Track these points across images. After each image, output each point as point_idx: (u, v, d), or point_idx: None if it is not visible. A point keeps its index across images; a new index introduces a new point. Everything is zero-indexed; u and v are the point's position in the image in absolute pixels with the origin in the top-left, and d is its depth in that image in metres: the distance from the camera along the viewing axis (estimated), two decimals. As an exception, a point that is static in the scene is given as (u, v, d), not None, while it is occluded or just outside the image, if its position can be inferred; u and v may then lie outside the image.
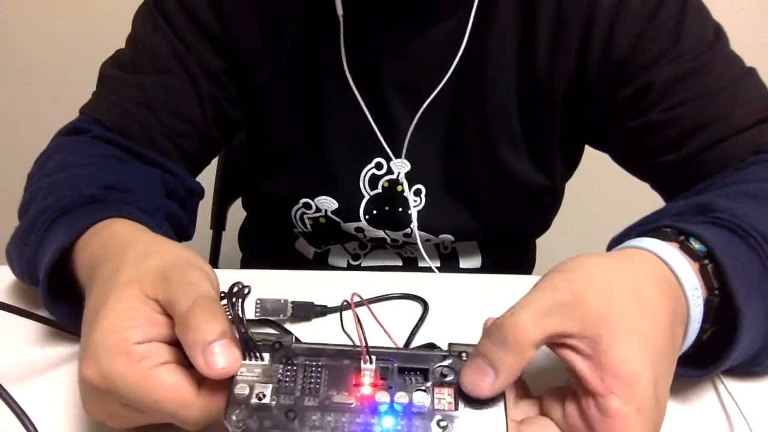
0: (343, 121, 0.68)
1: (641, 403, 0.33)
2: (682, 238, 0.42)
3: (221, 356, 0.34)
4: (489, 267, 0.80)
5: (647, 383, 0.34)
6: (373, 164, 0.70)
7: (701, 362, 0.43)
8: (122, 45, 0.68)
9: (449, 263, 0.78)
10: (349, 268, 0.80)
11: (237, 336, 0.36)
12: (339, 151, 0.70)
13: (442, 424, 0.34)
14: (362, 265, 0.80)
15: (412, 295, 0.58)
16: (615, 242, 0.47)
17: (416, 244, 0.75)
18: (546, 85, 0.65)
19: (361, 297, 0.39)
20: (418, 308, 0.56)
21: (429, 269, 0.78)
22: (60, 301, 0.47)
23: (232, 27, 0.65)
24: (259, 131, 0.73)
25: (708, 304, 0.41)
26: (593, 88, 0.64)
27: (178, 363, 0.36)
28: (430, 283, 0.59)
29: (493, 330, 0.36)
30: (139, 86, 0.64)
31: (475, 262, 0.80)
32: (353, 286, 0.58)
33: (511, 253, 0.84)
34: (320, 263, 0.81)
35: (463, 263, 0.79)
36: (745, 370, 0.47)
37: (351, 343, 0.39)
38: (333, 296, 0.56)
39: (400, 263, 0.80)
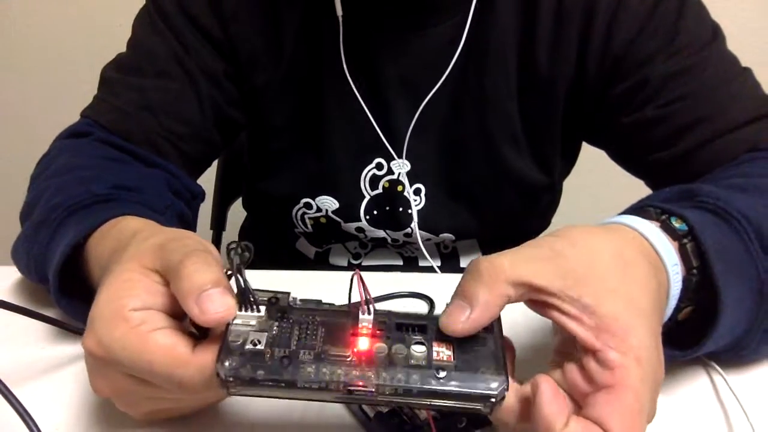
0: (344, 122, 0.68)
1: (639, 353, 0.33)
2: (663, 217, 0.43)
3: (214, 302, 0.33)
4: (489, 266, 0.80)
5: (642, 335, 0.34)
6: (373, 164, 0.70)
7: (684, 343, 0.43)
8: (123, 47, 0.68)
9: (450, 263, 0.78)
10: (350, 267, 0.80)
11: (233, 288, 0.35)
12: (340, 151, 0.70)
13: (441, 375, 0.33)
14: (363, 264, 0.80)
15: (418, 293, 0.58)
16: None
17: (417, 243, 0.75)
18: (547, 81, 0.65)
19: (362, 280, 0.38)
20: (423, 308, 0.56)
21: (430, 269, 0.78)
22: (71, 297, 0.47)
23: (232, 28, 0.65)
24: (259, 132, 0.73)
25: (686, 283, 0.41)
26: (591, 83, 0.64)
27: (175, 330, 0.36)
28: (433, 282, 0.59)
29: (469, 268, 0.36)
30: (139, 89, 0.64)
31: (476, 261, 0.80)
32: (354, 286, 0.58)
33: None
34: (321, 263, 0.81)
35: (464, 262, 0.79)
36: (735, 355, 0.47)
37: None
38: (335, 296, 0.56)
39: (400, 263, 0.80)
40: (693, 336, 0.42)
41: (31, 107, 1.53)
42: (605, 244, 0.37)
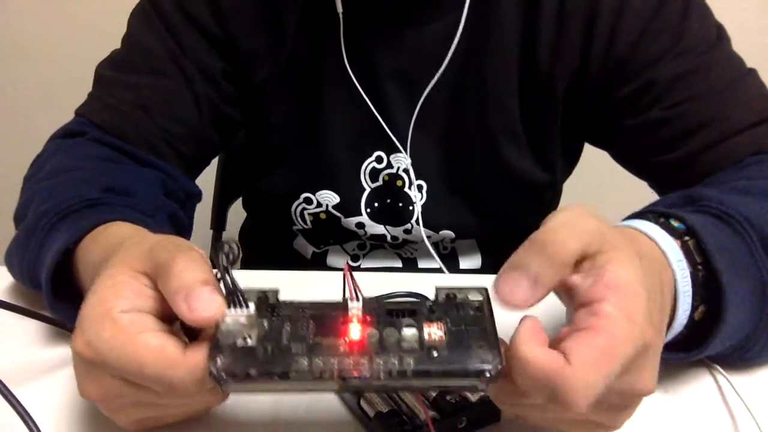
0: (344, 115, 0.68)
1: (633, 314, 0.32)
2: (662, 219, 0.43)
3: (203, 301, 0.33)
4: (489, 268, 0.80)
5: (643, 304, 0.33)
6: (373, 157, 0.70)
7: (690, 344, 0.42)
8: (119, 44, 0.68)
9: (449, 264, 0.78)
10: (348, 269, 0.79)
11: (222, 287, 0.35)
12: (340, 144, 0.70)
13: (434, 354, 0.33)
14: (361, 266, 0.80)
15: (416, 293, 0.57)
16: None
17: (416, 242, 0.74)
18: (547, 79, 0.65)
19: (350, 270, 0.38)
20: (419, 308, 0.56)
21: (429, 270, 0.78)
22: (64, 301, 0.47)
23: (231, 25, 0.65)
24: (259, 128, 0.73)
25: (693, 279, 0.40)
26: (594, 84, 0.64)
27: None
28: (431, 283, 0.59)
29: (531, 242, 0.34)
30: (134, 88, 0.64)
31: (475, 262, 0.80)
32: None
33: (510, 253, 0.84)
34: (318, 264, 0.81)
35: (463, 264, 0.79)
36: (739, 358, 0.47)
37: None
38: (333, 297, 0.56)
39: (399, 264, 0.80)
40: (698, 337, 0.42)
41: (30, 107, 1.53)
42: (614, 231, 0.37)
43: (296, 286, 0.58)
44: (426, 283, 0.58)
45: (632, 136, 0.64)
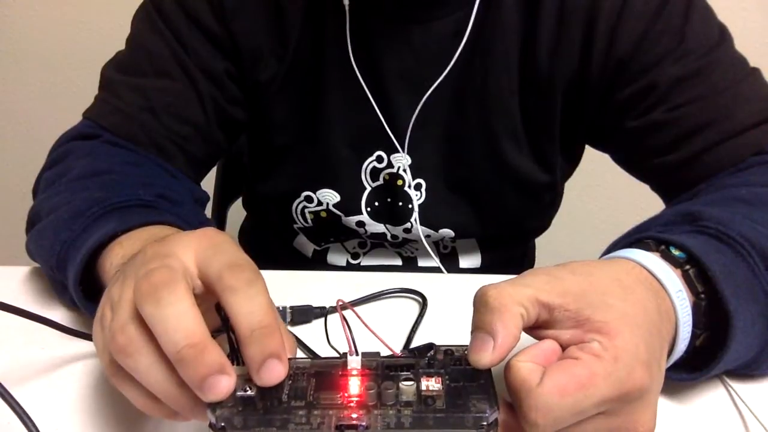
0: (347, 114, 0.68)
1: (618, 353, 0.34)
2: (662, 247, 0.43)
3: (216, 388, 0.33)
4: (489, 267, 0.80)
5: (628, 341, 0.35)
6: (374, 157, 0.70)
7: (695, 366, 0.43)
8: (123, 44, 0.68)
9: (449, 263, 0.78)
10: (349, 267, 0.80)
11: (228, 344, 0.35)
12: (342, 142, 0.70)
13: (431, 404, 0.34)
14: (362, 264, 0.80)
15: (410, 289, 0.58)
16: (603, 255, 0.48)
17: (416, 240, 0.75)
18: (547, 80, 0.65)
19: (345, 302, 0.39)
20: (417, 307, 0.57)
21: (429, 269, 0.78)
22: (87, 297, 0.47)
23: (233, 24, 0.65)
24: (261, 127, 0.73)
25: (696, 308, 0.41)
26: (595, 86, 0.64)
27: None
28: (430, 282, 0.59)
29: (477, 300, 0.37)
30: (140, 90, 0.64)
31: (475, 261, 0.80)
32: (352, 286, 0.58)
33: (510, 252, 0.84)
34: (319, 262, 0.81)
35: (463, 263, 0.79)
36: (743, 372, 0.47)
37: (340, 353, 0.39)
38: (333, 296, 0.56)
39: (399, 263, 0.80)
40: (703, 359, 0.42)
41: (31, 107, 1.53)
42: (603, 272, 0.39)
43: (297, 286, 0.59)
44: (424, 283, 0.59)
45: (634, 138, 0.64)
